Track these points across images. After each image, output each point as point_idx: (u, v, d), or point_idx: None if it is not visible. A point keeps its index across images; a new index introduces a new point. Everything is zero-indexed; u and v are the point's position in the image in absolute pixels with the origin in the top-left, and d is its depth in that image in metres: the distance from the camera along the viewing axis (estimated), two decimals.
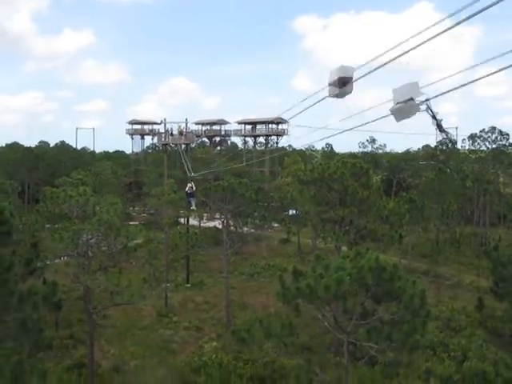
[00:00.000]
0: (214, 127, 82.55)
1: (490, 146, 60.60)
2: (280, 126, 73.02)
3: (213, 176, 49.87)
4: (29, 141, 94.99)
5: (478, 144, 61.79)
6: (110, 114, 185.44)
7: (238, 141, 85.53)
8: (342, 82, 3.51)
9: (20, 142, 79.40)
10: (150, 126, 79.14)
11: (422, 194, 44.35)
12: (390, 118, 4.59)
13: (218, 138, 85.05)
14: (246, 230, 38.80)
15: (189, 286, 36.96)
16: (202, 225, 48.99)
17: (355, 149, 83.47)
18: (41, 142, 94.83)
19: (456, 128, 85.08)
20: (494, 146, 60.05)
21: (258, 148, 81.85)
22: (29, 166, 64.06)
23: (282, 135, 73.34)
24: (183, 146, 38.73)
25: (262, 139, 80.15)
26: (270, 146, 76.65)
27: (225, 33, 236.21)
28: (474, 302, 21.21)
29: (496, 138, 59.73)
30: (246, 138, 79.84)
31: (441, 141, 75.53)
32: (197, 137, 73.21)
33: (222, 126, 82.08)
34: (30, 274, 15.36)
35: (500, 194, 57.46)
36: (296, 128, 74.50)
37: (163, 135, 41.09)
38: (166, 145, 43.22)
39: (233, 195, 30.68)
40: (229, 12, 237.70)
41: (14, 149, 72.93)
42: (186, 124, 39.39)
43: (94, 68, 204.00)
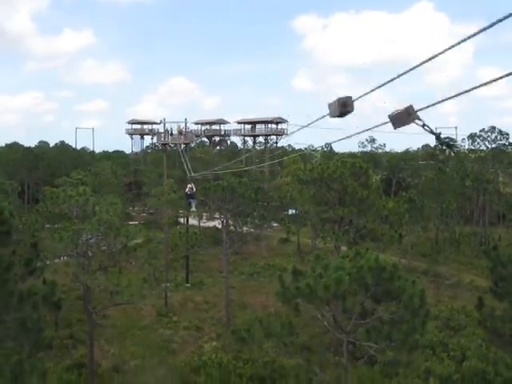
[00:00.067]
0: (214, 127, 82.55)
1: (489, 146, 60.68)
2: (279, 126, 73.11)
3: (212, 176, 49.84)
4: (28, 141, 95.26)
5: (478, 144, 61.90)
6: (110, 113, 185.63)
7: (238, 140, 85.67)
8: (343, 105, 3.59)
9: (20, 142, 79.34)
10: (150, 126, 79.06)
11: (421, 193, 44.37)
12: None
13: (218, 138, 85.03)
14: (245, 229, 38.75)
15: (188, 285, 36.97)
16: (201, 224, 49.01)
17: (355, 148, 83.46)
18: (40, 142, 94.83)
19: (456, 128, 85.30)
20: (493, 146, 60.13)
21: (258, 147, 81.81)
22: (28, 165, 63.98)
23: (281, 135, 73.36)
24: (183, 145, 38.74)
25: (261, 139, 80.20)
26: (269, 145, 76.64)
27: (224, 33, 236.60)
28: (473, 301, 21.18)
29: (496, 137, 59.81)
30: (246, 138, 79.89)
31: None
32: (196, 136, 73.17)
33: (222, 125, 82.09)
34: (30, 273, 15.37)
35: (500, 194, 57.48)
36: (296, 128, 74.26)
37: (163, 135, 41.08)
38: (165, 144, 43.22)
39: (232, 195, 30.69)
40: (228, 12, 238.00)
41: (14, 149, 72.82)
42: (186, 124, 39.44)
43: (94, 68, 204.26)
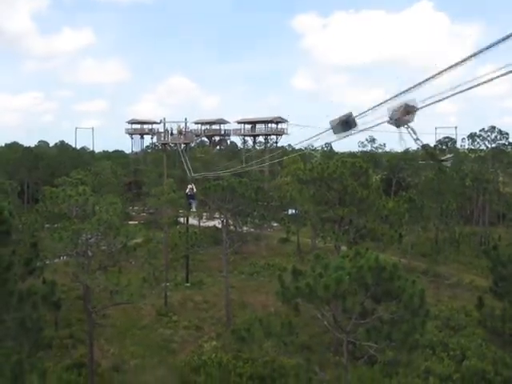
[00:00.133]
0: (214, 127, 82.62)
1: (489, 146, 60.72)
2: (279, 126, 73.11)
3: (212, 175, 49.79)
4: (28, 141, 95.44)
5: (478, 143, 61.94)
6: (110, 113, 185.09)
7: (238, 140, 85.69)
8: (345, 122, 3.61)
9: (19, 142, 79.36)
10: (150, 126, 79.15)
11: (421, 193, 44.37)
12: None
13: (218, 138, 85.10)
14: (245, 229, 38.75)
15: (188, 285, 36.97)
16: (201, 224, 48.99)
17: (354, 148, 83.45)
18: (40, 141, 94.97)
19: (455, 127, 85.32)
20: (493, 146, 60.16)
21: (258, 147, 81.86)
22: (28, 165, 63.99)
23: (281, 134, 73.39)
24: (182, 145, 38.73)
25: (261, 138, 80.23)
26: (269, 145, 76.67)
27: (224, 32, 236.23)
28: (473, 301, 21.19)
29: (495, 137, 59.84)
30: (246, 138, 79.89)
31: (440, 140, 75.75)
32: (196, 136, 73.16)
33: (222, 125, 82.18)
34: (30, 273, 15.35)
35: (499, 194, 57.49)
36: (295, 128, 74.24)
37: (163, 135, 41.06)
38: (165, 144, 43.21)
39: (232, 194, 30.68)
40: (228, 11, 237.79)
41: (14, 149, 72.81)
42: (186, 123, 39.45)
43: (94, 67, 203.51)
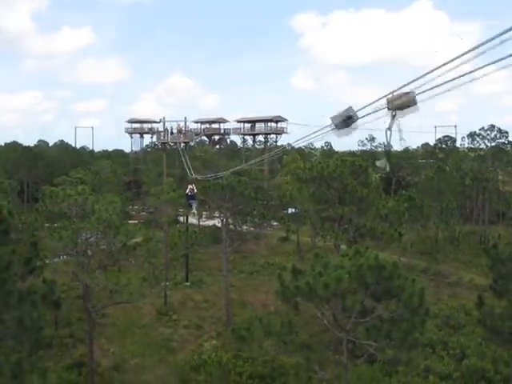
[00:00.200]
0: (213, 126, 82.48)
1: (489, 144, 60.76)
2: (279, 125, 73.04)
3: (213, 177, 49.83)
4: (28, 140, 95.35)
5: (477, 142, 61.99)
6: (109, 112, 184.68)
7: (238, 139, 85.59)
8: (347, 119, 3.57)
9: (19, 141, 79.15)
10: (149, 125, 78.92)
11: (421, 192, 44.34)
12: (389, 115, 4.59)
13: (217, 137, 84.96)
14: (245, 228, 38.76)
15: (188, 284, 36.97)
16: (201, 223, 49.02)
17: (354, 147, 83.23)
18: (40, 141, 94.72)
19: (455, 126, 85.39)
20: (493, 144, 60.20)
21: (257, 146, 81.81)
22: (28, 165, 63.95)
23: (281, 133, 73.33)
24: (182, 144, 38.71)
25: (261, 137, 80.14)
26: (269, 144, 76.62)
27: (223, 31, 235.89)
28: (473, 299, 21.23)
29: (495, 135, 59.89)
30: (246, 137, 79.84)
31: (440, 139, 75.77)
32: (196, 135, 73.04)
33: (221, 124, 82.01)
34: (30, 272, 15.38)
35: (499, 192, 57.50)
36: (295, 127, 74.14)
37: (162, 134, 40.99)
38: (165, 143, 43.14)
39: (232, 193, 30.67)
40: (227, 10, 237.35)
41: (13, 148, 72.70)
42: (185, 122, 39.45)
43: (93, 67, 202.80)
